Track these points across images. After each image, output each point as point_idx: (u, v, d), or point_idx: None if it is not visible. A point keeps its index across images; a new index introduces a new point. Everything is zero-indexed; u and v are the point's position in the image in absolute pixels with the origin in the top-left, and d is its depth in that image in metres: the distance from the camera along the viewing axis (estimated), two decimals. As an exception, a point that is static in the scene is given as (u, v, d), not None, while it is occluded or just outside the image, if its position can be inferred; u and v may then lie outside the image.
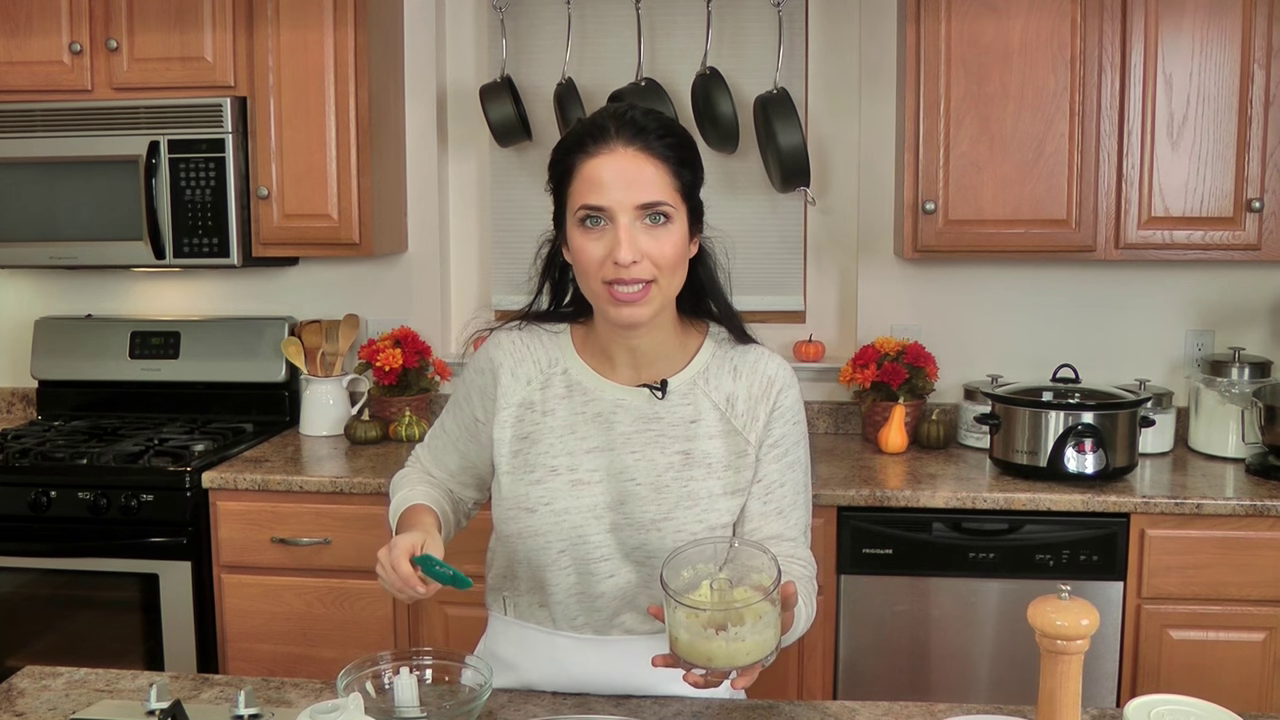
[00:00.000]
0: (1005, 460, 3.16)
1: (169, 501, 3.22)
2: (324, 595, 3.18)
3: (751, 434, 1.80)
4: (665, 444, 1.78)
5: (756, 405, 1.80)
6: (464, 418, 1.91)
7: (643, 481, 1.77)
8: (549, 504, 1.78)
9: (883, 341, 3.55)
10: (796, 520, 1.83)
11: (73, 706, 1.73)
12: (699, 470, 1.77)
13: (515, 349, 1.86)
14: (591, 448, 1.79)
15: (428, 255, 3.88)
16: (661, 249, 1.67)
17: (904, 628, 3.05)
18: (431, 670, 1.71)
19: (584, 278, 1.72)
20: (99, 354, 3.95)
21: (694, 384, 1.81)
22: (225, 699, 1.76)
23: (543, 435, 1.81)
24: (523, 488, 1.80)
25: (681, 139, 1.73)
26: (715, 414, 1.80)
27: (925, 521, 3.02)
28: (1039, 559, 2.98)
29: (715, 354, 1.84)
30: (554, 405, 1.82)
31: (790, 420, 1.83)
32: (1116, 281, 3.65)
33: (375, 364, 3.61)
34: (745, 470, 1.79)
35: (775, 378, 1.82)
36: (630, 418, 1.80)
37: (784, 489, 1.81)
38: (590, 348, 1.84)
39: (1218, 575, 2.96)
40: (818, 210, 3.76)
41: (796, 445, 1.84)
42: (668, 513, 1.76)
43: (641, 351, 1.80)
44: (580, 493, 1.78)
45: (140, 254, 3.54)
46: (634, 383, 1.81)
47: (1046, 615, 1.24)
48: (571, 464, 1.79)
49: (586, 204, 1.67)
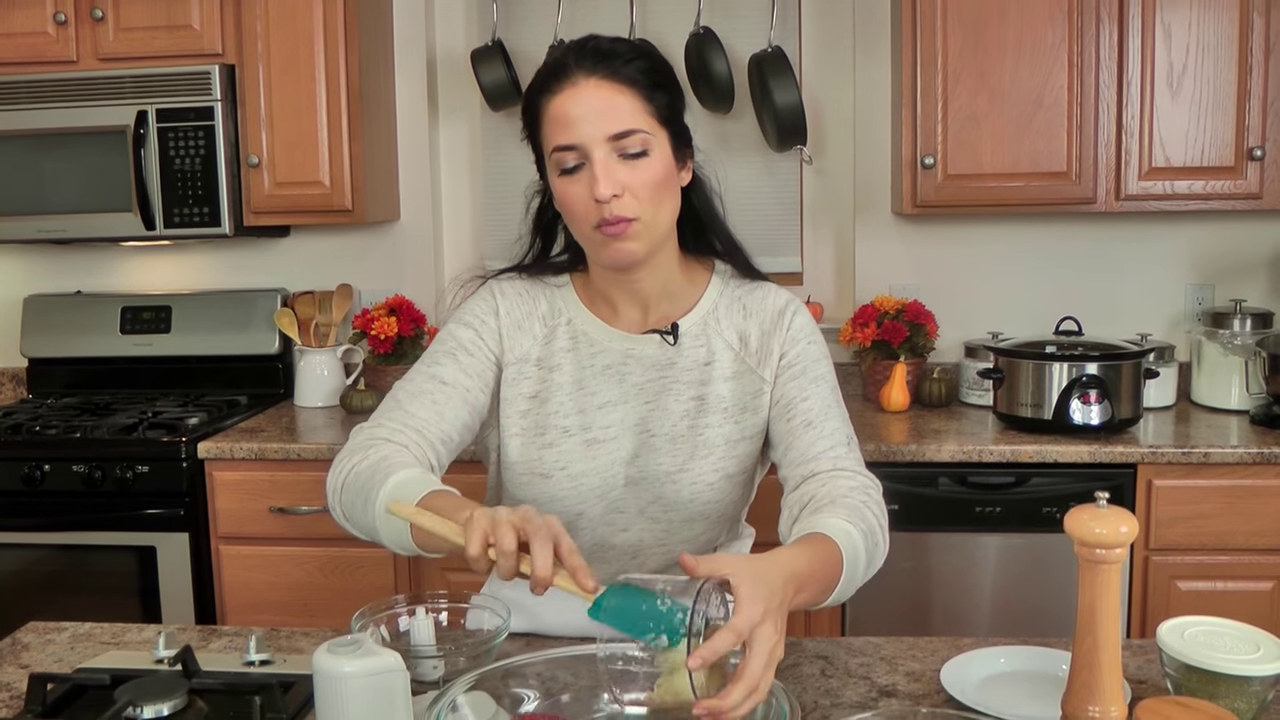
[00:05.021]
0: (1009, 414, 3.13)
1: (164, 473, 3.18)
2: (324, 564, 3.15)
3: (766, 370, 1.72)
4: (679, 390, 1.71)
5: (769, 339, 1.73)
6: (476, 365, 1.71)
7: (658, 433, 1.70)
8: (564, 468, 1.70)
9: (882, 300, 3.53)
10: (832, 430, 1.67)
11: (78, 659, 1.69)
12: (714, 416, 1.70)
13: (521, 300, 1.76)
14: (604, 403, 1.71)
15: (420, 223, 3.84)
16: (642, 180, 1.57)
17: (910, 585, 3.03)
18: (447, 613, 1.67)
19: (573, 224, 1.64)
20: (89, 330, 3.90)
21: (705, 324, 1.73)
22: (234, 648, 1.72)
23: (551, 394, 1.72)
24: (535, 452, 1.71)
25: (652, 61, 1.63)
26: (729, 354, 1.72)
27: (930, 476, 2.99)
28: (1045, 512, 2.96)
29: (724, 292, 1.76)
30: (560, 360, 1.73)
31: (805, 340, 1.74)
32: (1116, 237, 3.63)
33: (370, 333, 3.57)
34: (761, 412, 1.72)
35: (784, 307, 1.74)
36: (642, 368, 1.72)
37: (807, 403, 1.69)
38: (593, 296, 1.75)
39: (1225, 525, 2.94)
40: (813, 170, 3.73)
41: (816, 363, 1.73)
42: (683, 464, 1.69)
43: (645, 294, 1.71)
44: (596, 453, 1.70)
45: (130, 225, 3.49)
46: (641, 329, 1.73)
47: (1085, 524, 1.21)
48: (584, 422, 1.71)
49: (558, 144, 1.58)
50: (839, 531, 1.45)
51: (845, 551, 1.44)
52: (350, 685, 1.31)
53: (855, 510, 1.52)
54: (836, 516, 1.49)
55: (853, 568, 1.45)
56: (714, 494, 1.71)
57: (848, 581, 1.45)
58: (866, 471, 1.65)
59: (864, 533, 1.49)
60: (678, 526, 1.72)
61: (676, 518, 1.71)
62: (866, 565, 1.50)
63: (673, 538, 1.73)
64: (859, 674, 1.60)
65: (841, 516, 1.49)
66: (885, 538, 1.57)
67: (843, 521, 1.48)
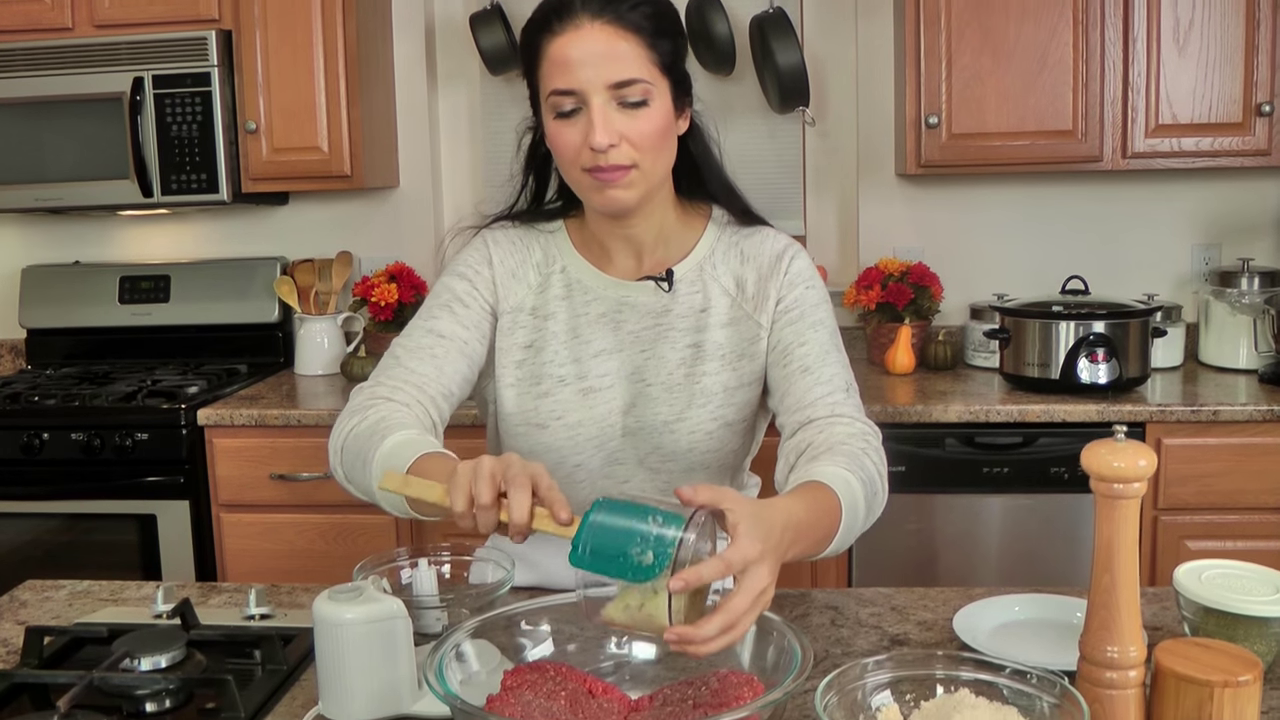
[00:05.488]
0: (1016, 375, 3.10)
1: (164, 440, 3.15)
2: (325, 531, 3.12)
3: (763, 316, 1.68)
4: (675, 338, 1.68)
5: (766, 284, 1.68)
6: (472, 317, 1.69)
7: (654, 381, 1.67)
8: (560, 418, 1.67)
9: (886, 262, 3.49)
10: (830, 376, 1.62)
11: (76, 615, 1.67)
12: (711, 364, 1.67)
13: (514, 249, 1.73)
14: (599, 351, 1.68)
15: (420, 189, 3.81)
16: (641, 130, 1.53)
17: (917, 546, 3.00)
18: (450, 566, 1.65)
19: (564, 167, 1.60)
20: (88, 300, 3.87)
21: (700, 270, 1.70)
22: (234, 604, 1.70)
23: (546, 343, 1.69)
24: (530, 402, 1.68)
25: (657, 6, 1.57)
26: (725, 300, 1.69)
27: (937, 437, 2.96)
28: (1054, 472, 2.93)
29: (720, 237, 1.72)
30: (555, 308, 1.70)
31: (803, 285, 1.69)
32: (1121, 197, 3.60)
33: (370, 300, 3.54)
34: (759, 358, 1.68)
35: (782, 252, 1.70)
36: (637, 315, 1.68)
37: (805, 348, 1.64)
38: (587, 242, 1.72)
39: (1234, 484, 2.92)
40: (816, 133, 3.69)
41: (815, 308, 1.68)
42: (680, 413, 1.66)
43: (640, 240, 1.68)
44: (592, 402, 1.67)
45: (127, 193, 3.45)
46: (635, 275, 1.69)
47: (1102, 458, 1.18)
48: (579, 371, 1.68)
49: (556, 88, 1.53)
50: (838, 480, 1.41)
51: (844, 501, 1.40)
52: (351, 633, 1.28)
53: (854, 458, 1.48)
54: (835, 465, 1.45)
55: (851, 518, 1.41)
56: (713, 443, 1.67)
57: (846, 532, 1.41)
58: (866, 418, 1.61)
59: (863, 481, 1.45)
60: (679, 477, 1.69)
61: (676, 468, 1.68)
62: (866, 515, 1.47)
63: (674, 488, 1.70)
64: (870, 624, 1.57)
65: (840, 465, 1.45)
66: (885, 486, 1.54)
67: (841, 470, 1.44)
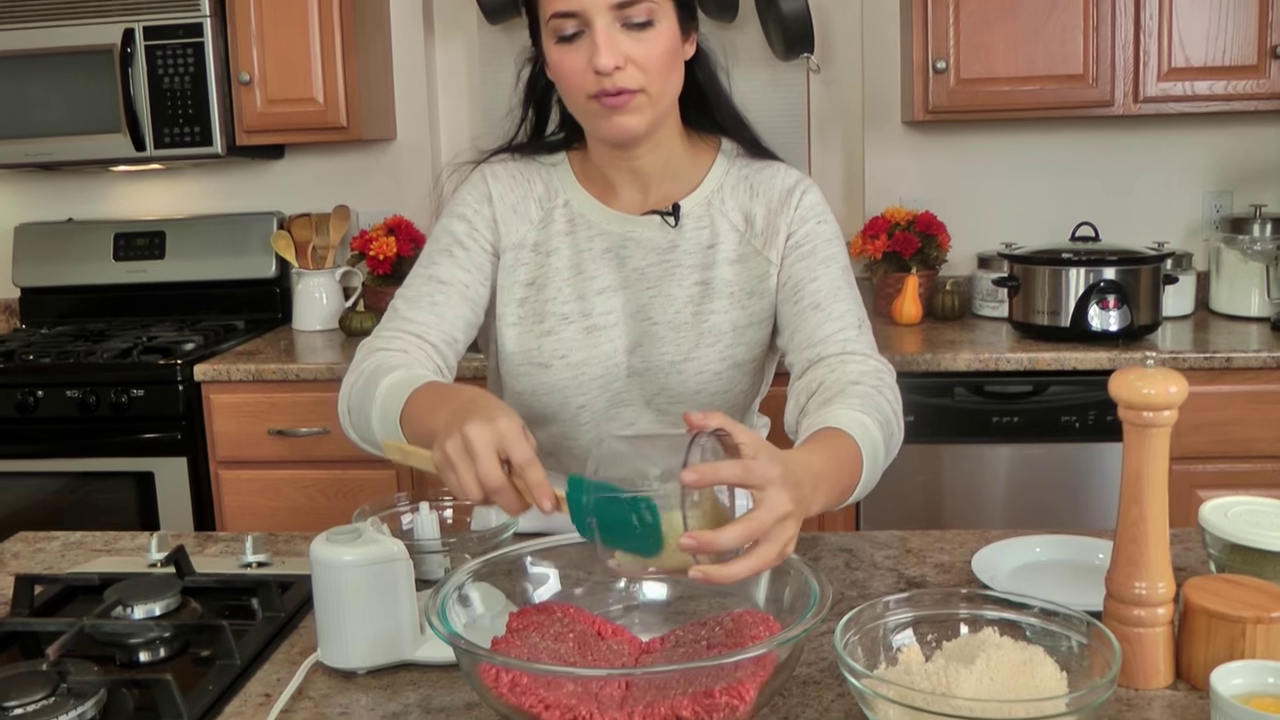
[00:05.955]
0: (1025, 323, 3.05)
1: (160, 396, 3.11)
2: (325, 487, 3.08)
3: (773, 252, 1.62)
4: (682, 275, 1.62)
5: (776, 219, 1.62)
6: (473, 259, 1.64)
7: (660, 320, 1.62)
8: (564, 357, 1.62)
9: (893, 211, 3.44)
10: (841, 313, 1.56)
11: (69, 566, 1.62)
12: (719, 302, 1.61)
13: (514, 183, 1.67)
14: (603, 288, 1.63)
15: (418, 142, 3.75)
16: (647, 53, 1.46)
17: (926, 497, 2.96)
18: (452, 511, 1.61)
19: (568, 95, 1.54)
20: (82, 258, 3.81)
21: (709, 205, 1.64)
22: (231, 553, 1.65)
23: (549, 279, 1.63)
24: (533, 340, 1.63)
25: None
26: (734, 236, 1.63)
27: (946, 386, 2.91)
28: (1064, 420, 2.89)
29: (729, 171, 1.66)
30: (558, 243, 1.64)
31: (814, 220, 1.63)
32: (1131, 144, 3.54)
33: (369, 254, 3.49)
34: (768, 296, 1.63)
35: (794, 186, 1.64)
36: (642, 251, 1.63)
37: (816, 284, 1.58)
38: (591, 176, 1.66)
39: (1247, 431, 2.87)
40: (820, 81, 3.62)
41: (827, 243, 1.62)
42: (688, 353, 1.61)
43: (646, 172, 1.62)
44: (596, 340, 1.62)
45: (119, 147, 3.39)
46: (641, 210, 1.64)
47: (1131, 385, 1.13)
48: (583, 309, 1.62)
49: (557, 10, 1.47)
50: (854, 425, 1.35)
51: (864, 448, 1.33)
52: (350, 576, 1.24)
53: (867, 399, 1.42)
54: (849, 408, 1.38)
55: (872, 464, 1.35)
56: (722, 383, 1.62)
57: (868, 479, 1.35)
58: (879, 355, 1.56)
59: (880, 423, 1.39)
60: None
61: (684, 409, 1.63)
62: (885, 458, 1.41)
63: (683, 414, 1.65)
64: (885, 566, 1.53)
65: (854, 407, 1.38)
66: (901, 425, 1.48)
67: (856, 413, 1.37)
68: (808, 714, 1.14)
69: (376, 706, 1.19)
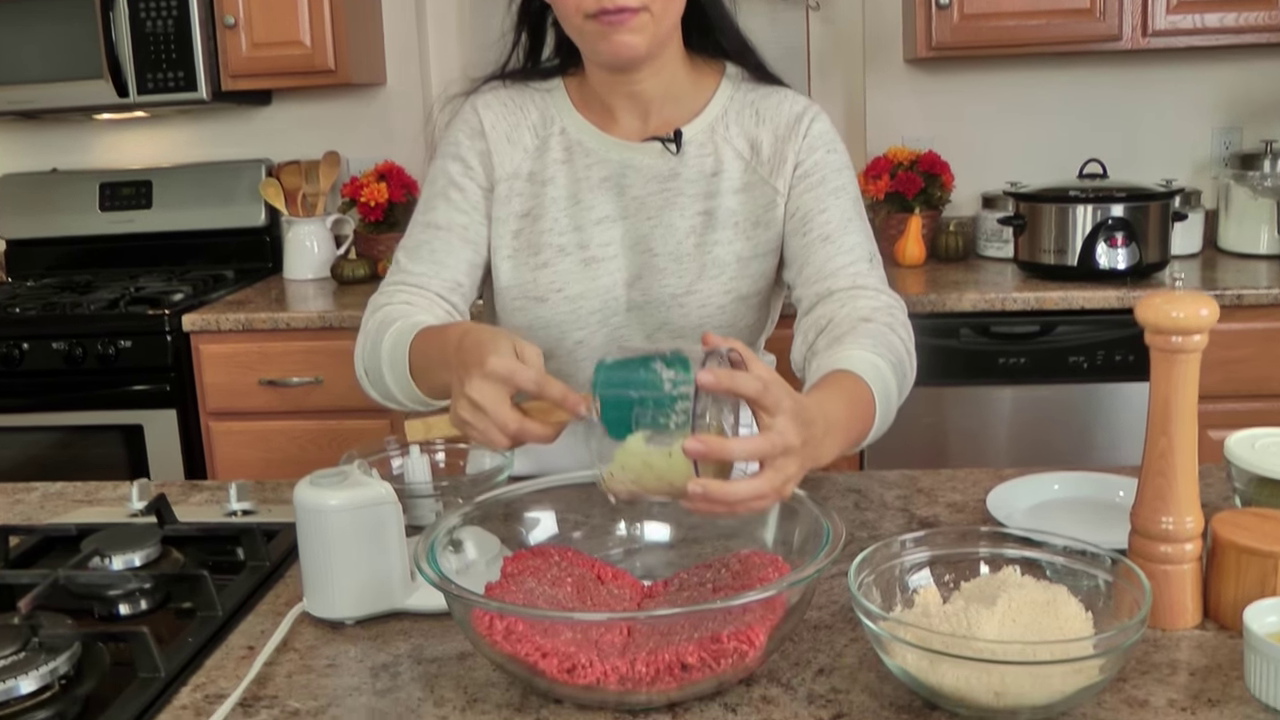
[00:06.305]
0: (1031, 262, 2.99)
1: (149, 347, 3.04)
2: (318, 437, 3.03)
3: (780, 181, 1.55)
4: (684, 204, 1.55)
5: (784, 147, 1.55)
6: (469, 199, 1.58)
7: (661, 251, 1.55)
8: (560, 290, 1.56)
9: (895, 151, 3.37)
10: (852, 245, 1.50)
11: (49, 518, 1.57)
12: (724, 232, 1.55)
13: (507, 111, 1.60)
14: (601, 218, 1.56)
15: (408, 86, 3.67)
16: None
17: (931, 441, 2.91)
18: (445, 454, 1.54)
19: (564, 16, 1.46)
20: (67, 209, 3.74)
21: (712, 131, 1.57)
22: (216, 502, 1.59)
23: (545, 210, 1.57)
24: (528, 273, 1.56)
25: None
26: (739, 164, 1.56)
27: (951, 328, 2.85)
28: (1072, 361, 2.83)
29: (734, 97, 1.59)
30: (554, 172, 1.57)
31: (824, 148, 1.56)
32: (1139, 81, 3.45)
33: (360, 200, 3.42)
34: (775, 226, 1.56)
35: (802, 113, 1.56)
36: (643, 179, 1.56)
37: (825, 215, 1.51)
38: (588, 102, 1.58)
39: (1259, 370, 2.82)
40: (820, 18, 3.54)
41: (837, 173, 1.56)
42: (690, 285, 1.54)
43: (647, 97, 1.54)
44: (595, 272, 1.56)
45: (102, 93, 3.31)
46: (641, 136, 1.56)
47: (1159, 308, 1.06)
48: (581, 240, 1.56)
49: None
50: (867, 366, 1.29)
51: (877, 391, 1.28)
52: (336, 521, 1.18)
53: (880, 337, 1.36)
54: (861, 348, 1.32)
55: (885, 408, 1.29)
56: (725, 317, 1.56)
57: (880, 424, 1.30)
58: (890, 290, 1.49)
59: (893, 365, 1.33)
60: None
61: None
62: (898, 400, 1.35)
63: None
64: (896, 506, 1.47)
65: (867, 348, 1.32)
66: (913, 364, 1.42)
67: (869, 354, 1.31)
68: (819, 659, 1.08)
69: (365, 658, 1.13)
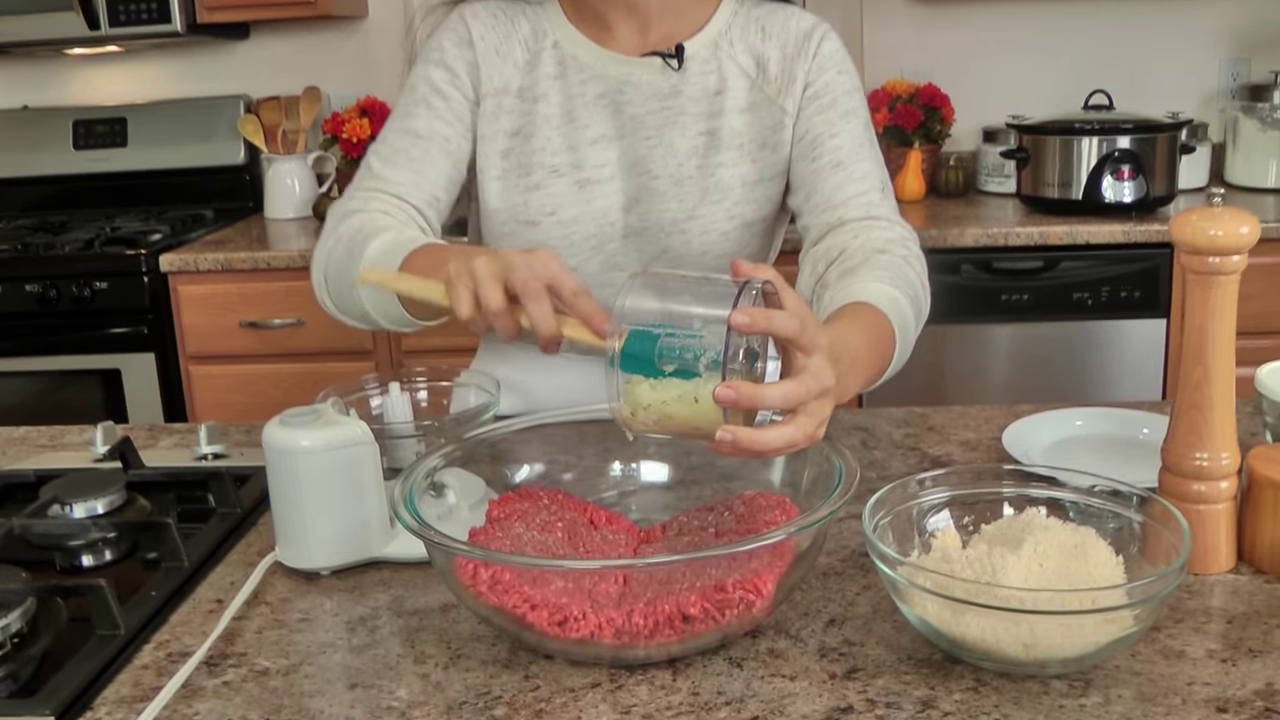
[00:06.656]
0: (1035, 196, 2.91)
1: (125, 289, 2.95)
2: (301, 380, 2.94)
3: (788, 101, 1.46)
4: (686, 124, 1.46)
5: (792, 65, 1.47)
6: (454, 109, 1.47)
7: (660, 174, 1.46)
8: (553, 214, 1.46)
9: (894, 84, 3.27)
10: (864, 174, 1.42)
11: (10, 464, 1.48)
12: (728, 154, 1.46)
13: (497, 23, 1.50)
14: (596, 137, 1.47)
15: (390, 19, 3.55)
16: None
17: (932, 379, 2.83)
18: (427, 393, 1.46)
19: None
20: (39, 147, 3.63)
21: (716, 47, 1.48)
22: (185, 445, 1.51)
23: (537, 128, 1.47)
24: (518, 195, 1.47)
25: None
26: (744, 82, 1.47)
27: (953, 263, 2.77)
28: (1076, 298, 2.75)
29: (738, 11, 1.50)
30: (546, 89, 1.48)
31: (835, 69, 1.48)
32: (1145, 9, 3.35)
33: (342, 136, 3.32)
34: (782, 149, 1.47)
35: (811, 30, 1.48)
36: (641, 96, 1.46)
37: (836, 140, 1.44)
38: (583, 14, 1.49)
39: (1266, 306, 2.74)
40: (815, -54, 3.43)
41: (848, 95, 1.48)
42: (691, 210, 1.46)
43: (645, 9, 1.45)
44: (589, 195, 1.46)
45: (72, 25, 3.20)
46: (640, 51, 1.47)
47: (1195, 225, 0.97)
48: (575, 160, 1.46)
49: None
50: (885, 300, 1.22)
51: (896, 325, 1.20)
52: (309, 463, 1.10)
53: (896, 270, 1.28)
54: (878, 280, 1.25)
55: (904, 344, 1.23)
56: (729, 245, 1.47)
57: (899, 360, 1.23)
58: (903, 220, 1.42)
59: (910, 299, 1.26)
60: None
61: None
62: (915, 333, 1.28)
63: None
64: (905, 445, 1.39)
65: (884, 280, 1.25)
66: (928, 297, 1.35)
67: (886, 286, 1.24)
68: (831, 609, 1.01)
69: (342, 611, 1.05)
